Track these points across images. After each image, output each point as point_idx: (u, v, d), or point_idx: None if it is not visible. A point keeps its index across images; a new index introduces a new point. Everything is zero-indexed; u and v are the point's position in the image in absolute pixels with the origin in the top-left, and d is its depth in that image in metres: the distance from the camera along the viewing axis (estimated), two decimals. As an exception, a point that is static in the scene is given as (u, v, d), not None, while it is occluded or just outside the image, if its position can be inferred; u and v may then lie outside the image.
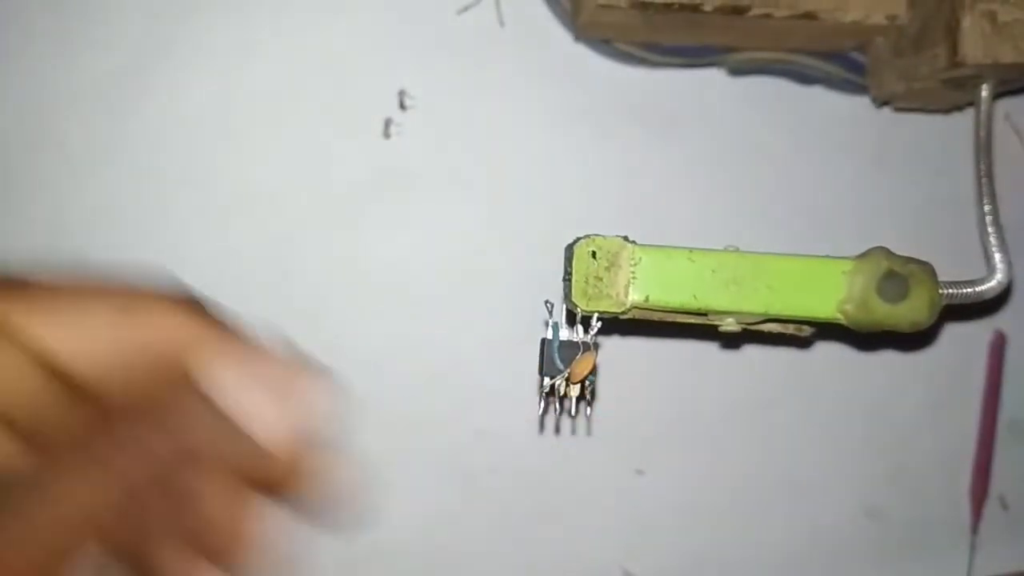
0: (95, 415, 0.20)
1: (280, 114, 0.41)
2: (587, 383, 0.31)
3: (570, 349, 0.31)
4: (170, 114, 0.41)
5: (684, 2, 0.37)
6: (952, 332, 0.44)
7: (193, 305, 0.22)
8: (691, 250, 0.31)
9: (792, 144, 0.44)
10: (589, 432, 0.42)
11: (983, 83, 0.37)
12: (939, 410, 0.44)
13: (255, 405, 0.21)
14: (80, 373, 0.20)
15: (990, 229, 0.36)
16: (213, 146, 0.41)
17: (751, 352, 0.43)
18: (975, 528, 0.44)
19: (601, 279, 0.31)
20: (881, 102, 0.43)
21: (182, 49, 0.41)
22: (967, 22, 0.36)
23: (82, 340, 0.21)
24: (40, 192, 0.41)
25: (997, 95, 0.38)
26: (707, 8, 0.37)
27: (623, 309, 0.31)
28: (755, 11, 0.37)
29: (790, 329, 0.33)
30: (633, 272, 0.31)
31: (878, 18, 0.38)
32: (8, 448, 0.20)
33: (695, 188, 0.43)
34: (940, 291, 0.32)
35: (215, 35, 0.41)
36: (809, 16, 0.38)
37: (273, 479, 0.21)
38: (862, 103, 0.43)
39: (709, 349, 0.43)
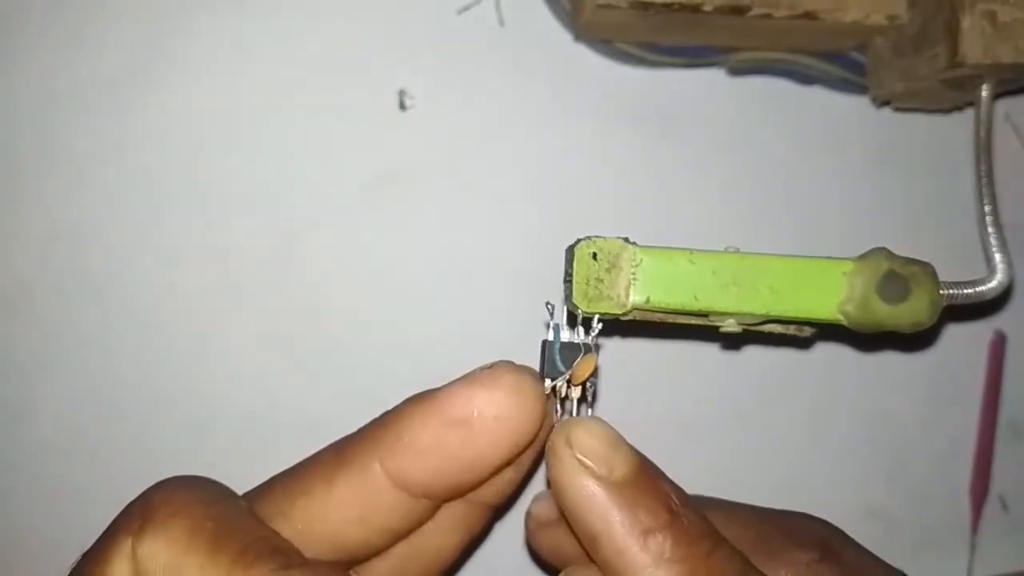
0: None
1: (279, 114, 0.41)
2: (588, 385, 0.31)
3: (571, 351, 0.30)
4: (170, 114, 0.41)
5: (684, 2, 0.37)
6: (952, 332, 0.44)
7: None
8: (692, 251, 0.31)
9: (792, 144, 0.44)
10: (590, 433, 0.42)
11: (983, 83, 0.37)
12: (939, 410, 0.44)
13: None
14: None
15: (990, 229, 0.36)
16: (213, 146, 0.41)
17: (752, 353, 0.43)
18: (975, 528, 0.44)
19: (602, 281, 0.31)
20: (881, 102, 0.43)
21: (181, 49, 0.41)
22: (967, 22, 0.36)
23: None
24: (40, 192, 0.41)
25: (997, 95, 0.38)
26: (707, 8, 0.37)
27: (624, 311, 0.31)
28: (755, 11, 0.37)
29: (791, 330, 0.33)
30: (634, 274, 0.31)
31: (878, 18, 0.38)
32: None
33: (695, 188, 0.43)
34: (941, 292, 0.32)
35: (214, 35, 0.41)
36: (809, 16, 0.38)
37: None
38: (862, 103, 0.43)
39: (710, 350, 0.43)
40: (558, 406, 0.31)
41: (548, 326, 0.31)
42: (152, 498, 0.23)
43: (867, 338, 0.34)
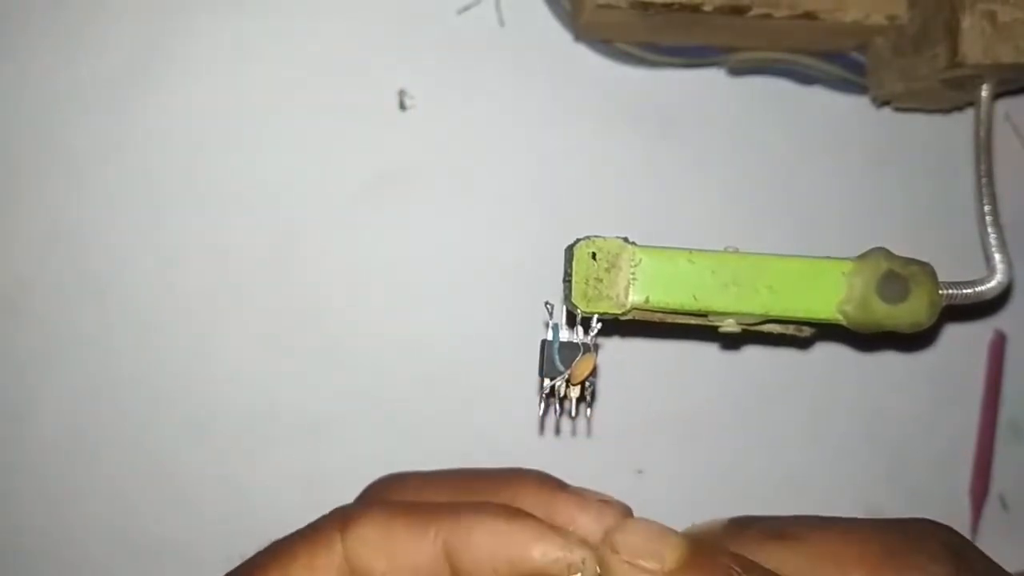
0: None
1: (279, 114, 0.41)
2: (587, 384, 0.31)
3: (570, 350, 0.31)
4: (170, 114, 0.41)
5: (684, 2, 0.37)
6: (952, 332, 0.44)
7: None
8: (691, 251, 0.31)
9: (792, 144, 0.44)
10: (589, 433, 0.42)
11: (983, 83, 0.37)
12: (939, 410, 0.44)
13: None
14: None
15: (990, 229, 0.36)
16: (213, 145, 0.41)
17: (751, 353, 0.43)
18: (975, 528, 0.44)
19: (601, 280, 0.31)
20: (881, 102, 0.43)
21: (181, 49, 0.41)
22: (967, 22, 0.36)
23: None
24: (40, 192, 0.41)
25: (997, 95, 0.38)
26: (707, 8, 0.37)
27: (623, 310, 0.31)
28: (755, 11, 0.37)
29: (790, 330, 0.33)
30: (633, 273, 0.31)
31: (878, 18, 0.38)
32: None
33: (695, 188, 0.43)
34: (940, 292, 0.32)
35: (214, 35, 0.41)
36: (809, 16, 0.38)
37: None
38: (862, 103, 0.43)
39: (709, 350, 0.43)
40: (557, 405, 0.31)
41: (547, 326, 0.31)
42: (351, 505, 0.26)
43: (866, 338, 0.34)
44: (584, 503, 0.25)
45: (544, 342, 0.31)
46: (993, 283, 0.35)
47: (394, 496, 0.26)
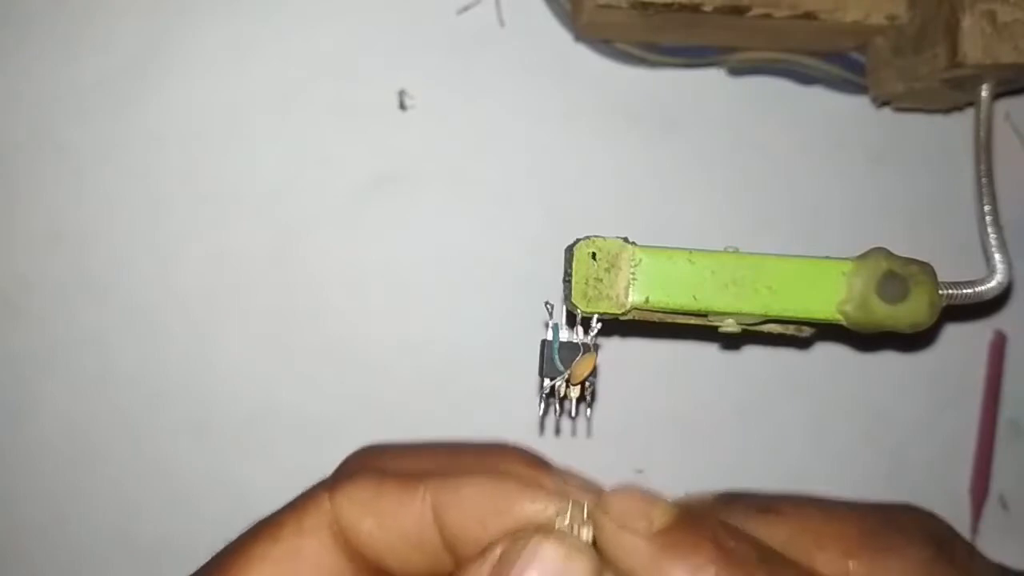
0: None
1: (279, 114, 0.41)
2: (587, 384, 0.31)
3: (570, 350, 0.31)
4: (170, 114, 0.41)
5: (684, 2, 0.37)
6: (952, 332, 0.44)
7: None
8: (691, 251, 0.31)
9: (792, 144, 0.44)
10: (589, 433, 0.42)
11: (983, 83, 0.37)
12: (939, 410, 0.44)
13: None
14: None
15: (990, 229, 0.36)
16: (213, 146, 0.41)
17: (751, 353, 0.43)
18: (975, 528, 0.44)
19: (601, 280, 0.31)
20: (881, 102, 0.43)
21: (181, 49, 0.41)
22: (967, 22, 0.36)
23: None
24: (40, 192, 0.41)
25: (997, 95, 0.38)
26: (707, 8, 0.37)
27: (623, 310, 0.31)
28: (755, 11, 0.37)
29: (790, 330, 0.33)
30: (633, 273, 0.31)
31: (878, 18, 0.38)
32: None
33: (695, 188, 0.43)
34: (940, 292, 0.32)
35: (214, 35, 0.41)
36: (809, 16, 0.38)
37: None
38: (862, 103, 0.43)
39: (709, 350, 0.43)
40: (557, 405, 0.31)
41: (547, 326, 0.31)
42: (338, 470, 0.26)
43: (867, 338, 0.34)
44: (565, 489, 0.26)
45: (544, 342, 0.31)
46: (993, 283, 0.35)
47: (375, 464, 0.26)
